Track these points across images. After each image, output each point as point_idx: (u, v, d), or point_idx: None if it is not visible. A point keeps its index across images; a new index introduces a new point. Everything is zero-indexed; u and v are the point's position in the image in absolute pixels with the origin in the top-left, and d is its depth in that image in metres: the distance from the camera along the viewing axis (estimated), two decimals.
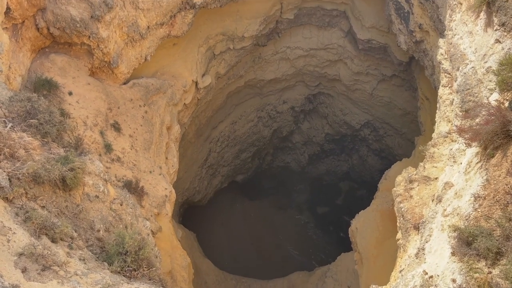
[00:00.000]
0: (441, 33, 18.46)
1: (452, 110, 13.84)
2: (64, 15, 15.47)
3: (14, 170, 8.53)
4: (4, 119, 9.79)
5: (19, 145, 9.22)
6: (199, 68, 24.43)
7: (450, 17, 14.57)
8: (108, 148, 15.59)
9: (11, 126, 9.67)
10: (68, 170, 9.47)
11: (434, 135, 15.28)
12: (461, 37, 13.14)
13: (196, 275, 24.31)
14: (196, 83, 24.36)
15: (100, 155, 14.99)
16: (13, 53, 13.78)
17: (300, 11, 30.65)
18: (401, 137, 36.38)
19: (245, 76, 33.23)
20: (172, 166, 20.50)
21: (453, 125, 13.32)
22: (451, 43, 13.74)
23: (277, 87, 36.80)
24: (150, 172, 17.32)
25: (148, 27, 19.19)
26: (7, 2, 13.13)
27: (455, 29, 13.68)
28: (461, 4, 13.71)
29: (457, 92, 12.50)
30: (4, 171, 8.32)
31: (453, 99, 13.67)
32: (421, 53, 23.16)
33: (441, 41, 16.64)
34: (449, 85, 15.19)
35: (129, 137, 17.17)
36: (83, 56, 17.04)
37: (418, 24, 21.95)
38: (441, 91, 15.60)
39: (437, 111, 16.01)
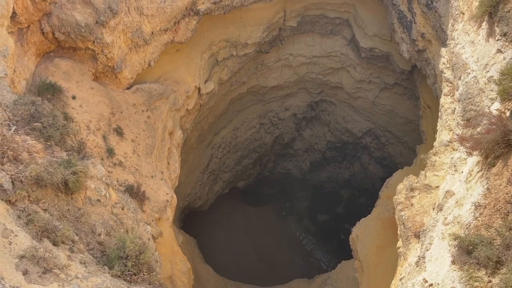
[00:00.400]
0: (443, 42, 18.54)
1: (454, 119, 13.89)
2: (69, 20, 15.63)
3: (17, 173, 8.59)
4: (8, 122, 9.87)
5: (23, 148, 9.29)
6: (202, 74, 24.56)
7: (452, 26, 14.67)
8: (110, 152, 15.66)
9: (15, 129, 9.75)
10: (71, 173, 9.53)
11: (435, 143, 15.31)
12: (463, 46, 13.22)
13: (196, 281, 24.24)
14: (199, 89, 24.48)
15: (102, 159, 15.06)
16: (18, 57, 13.90)
17: (303, 18, 30.83)
18: (402, 145, 36.38)
19: (247, 82, 33.36)
20: (174, 171, 20.55)
21: (454, 134, 13.36)
22: (453, 53, 13.82)
23: (280, 94, 36.91)
24: (152, 177, 17.37)
25: (152, 33, 19.33)
26: (13, 7, 13.27)
27: (457, 38, 13.76)
28: (463, 14, 13.81)
29: (458, 101, 12.56)
30: (7, 174, 8.38)
31: (455, 108, 13.72)
32: (423, 62, 23.23)
33: (443, 50, 16.71)
34: (451, 94, 15.25)
35: (131, 142, 17.24)
36: (87, 60, 17.17)
37: (420, 33, 22.05)
38: (442, 100, 15.65)
39: (438, 119, 16.05)
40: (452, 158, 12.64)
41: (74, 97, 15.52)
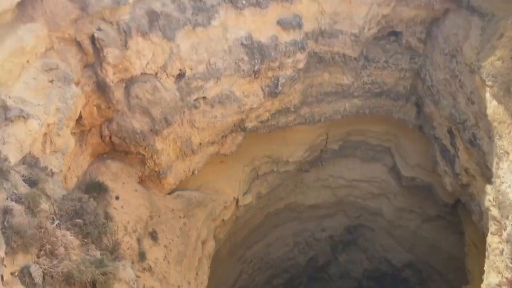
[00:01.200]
0: (488, 179, 18.21)
1: (502, 261, 13.00)
2: (127, 127, 16.94)
3: (50, 268, 8.67)
4: (53, 215, 10.28)
5: (61, 242, 9.49)
6: (242, 187, 25.00)
7: (497, 164, 14.55)
8: (142, 256, 15.59)
9: (58, 223, 10.09)
10: (101, 274, 9.49)
11: (483, 286, 14.17)
12: (509, 185, 12.95)
13: None
14: (237, 200, 24.74)
15: (133, 262, 14.94)
16: (75, 156, 14.97)
17: (345, 143, 31.62)
18: (446, 283, 33.65)
19: (285, 198, 33.40)
20: (201, 283, 19.88)
21: (503, 277, 12.40)
22: (499, 191, 13.51)
23: (317, 214, 36.41)
24: (179, 286, 16.85)
25: (200, 144, 20.37)
26: (80, 112, 14.72)
27: (503, 177, 13.55)
28: (508, 153, 13.78)
29: (507, 242, 11.91)
30: (41, 268, 8.48)
31: (503, 249, 12.93)
32: (468, 196, 22.60)
33: (488, 187, 16.34)
34: (498, 234, 14.50)
35: (164, 248, 17.16)
36: (136, 164, 18.12)
37: (464, 168, 21.84)
38: (489, 239, 14.87)
39: (486, 259, 15.05)
40: None
41: (117, 198, 16.09)
